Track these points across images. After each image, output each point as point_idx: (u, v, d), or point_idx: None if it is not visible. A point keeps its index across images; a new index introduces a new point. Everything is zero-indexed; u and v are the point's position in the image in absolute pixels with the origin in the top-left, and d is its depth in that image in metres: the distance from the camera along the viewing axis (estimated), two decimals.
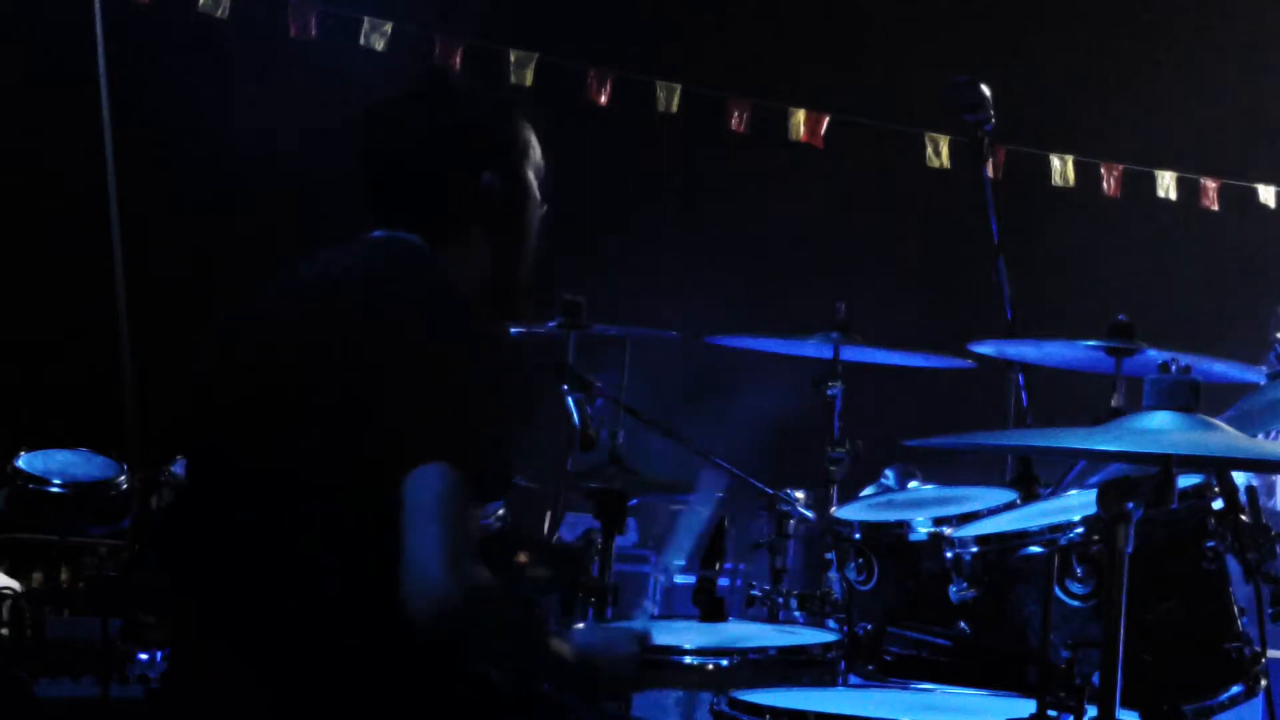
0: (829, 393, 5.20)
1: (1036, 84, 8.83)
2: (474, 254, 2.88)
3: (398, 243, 2.84)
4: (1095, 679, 2.54)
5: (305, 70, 7.56)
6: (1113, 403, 4.38)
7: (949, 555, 3.54)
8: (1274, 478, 6.08)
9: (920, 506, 4.12)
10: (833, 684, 3.63)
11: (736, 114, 8.68)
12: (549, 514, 5.70)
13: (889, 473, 6.88)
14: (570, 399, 4.26)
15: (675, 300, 8.15)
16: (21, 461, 5.25)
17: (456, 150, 2.85)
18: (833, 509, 4.70)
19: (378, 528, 2.61)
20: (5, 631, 4.88)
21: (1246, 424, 4.10)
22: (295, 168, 7.23)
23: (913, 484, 6.15)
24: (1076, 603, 3.30)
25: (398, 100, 2.93)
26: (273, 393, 2.73)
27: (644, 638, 2.99)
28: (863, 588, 3.96)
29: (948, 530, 3.71)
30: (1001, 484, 4.22)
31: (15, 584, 5.04)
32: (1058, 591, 3.31)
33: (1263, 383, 4.53)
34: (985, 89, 4.67)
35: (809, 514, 5.71)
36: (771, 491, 5.21)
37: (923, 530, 3.87)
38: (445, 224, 2.85)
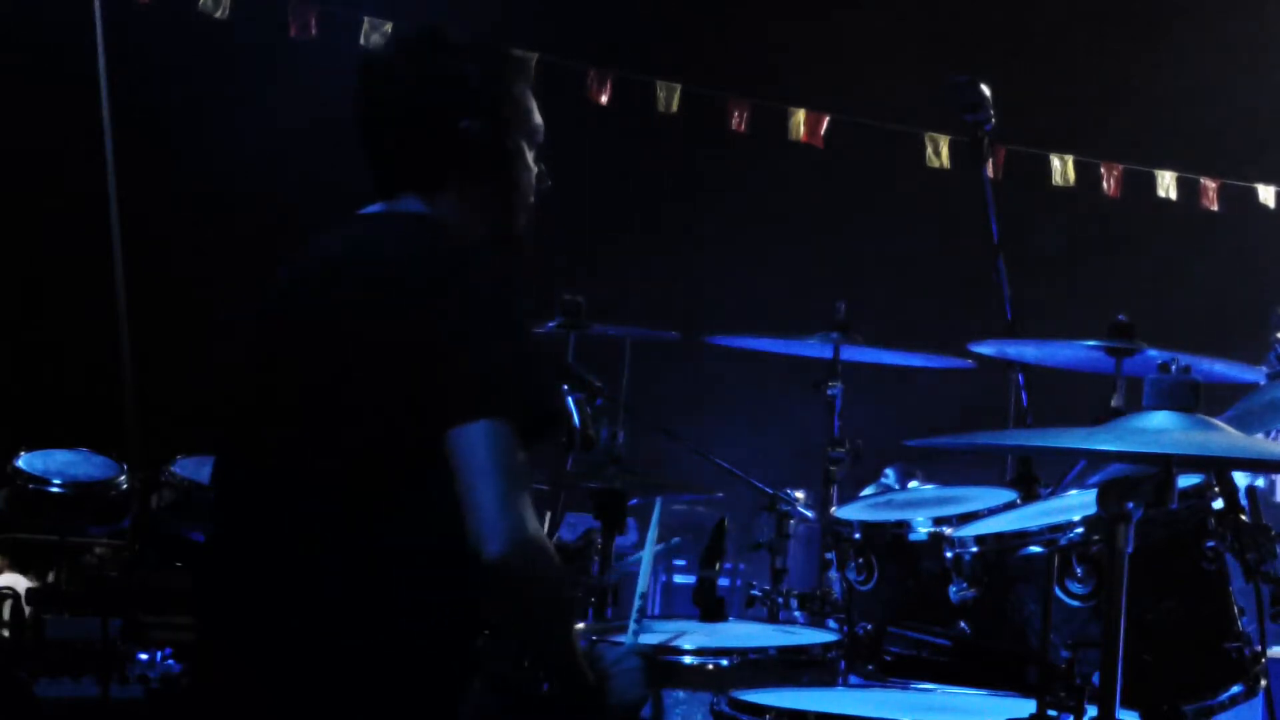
0: (829, 393, 5.20)
1: (1036, 84, 8.82)
2: (466, 206, 2.88)
3: (393, 217, 2.85)
4: (1095, 679, 2.54)
5: (305, 70, 7.56)
6: (1113, 403, 4.37)
7: (949, 555, 3.54)
8: (1275, 477, 6.08)
9: (920, 506, 4.12)
10: (833, 684, 3.63)
11: (736, 114, 8.68)
12: (549, 514, 5.70)
13: (890, 472, 6.89)
14: (570, 399, 4.26)
15: (675, 300, 8.15)
16: (21, 461, 5.24)
17: (437, 96, 2.86)
18: (833, 509, 4.70)
19: (378, 527, 2.61)
20: (5, 632, 4.88)
21: (1246, 424, 4.09)
22: (295, 168, 7.24)
23: (913, 484, 6.15)
24: (1076, 603, 3.29)
25: (389, 48, 3.00)
26: (274, 391, 2.74)
27: (651, 658, 2.96)
28: (863, 588, 3.96)
29: (948, 530, 3.71)
30: (1001, 484, 4.22)
31: (27, 581, 5.05)
32: (1058, 591, 3.31)
33: (1263, 383, 4.53)
34: (985, 89, 4.67)
35: (809, 514, 5.71)
36: (771, 491, 5.22)
37: (923, 530, 3.86)
38: (431, 173, 2.85)
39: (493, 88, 2.90)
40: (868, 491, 5.89)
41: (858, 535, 3.98)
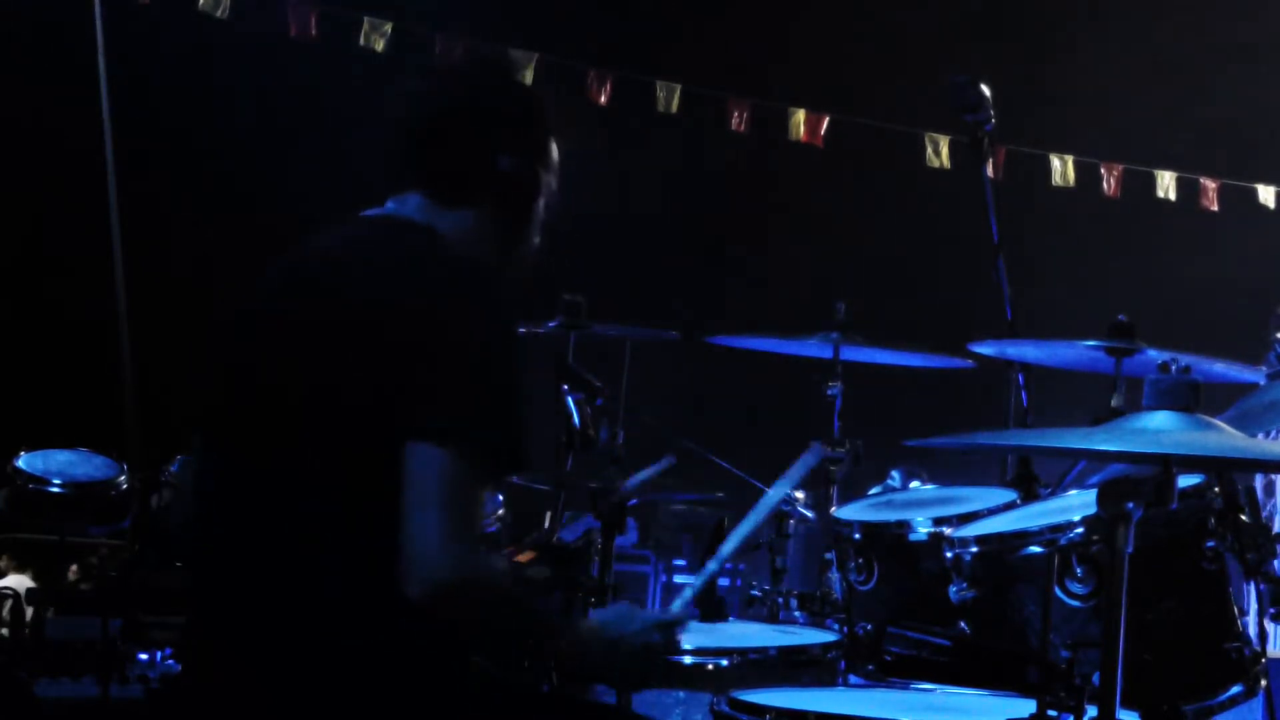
0: (829, 393, 5.20)
1: (1036, 84, 8.83)
2: (475, 228, 2.90)
3: (392, 223, 2.86)
4: (1095, 679, 2.54)
5: (305, 70, 7.57)
6: (1113, 403, 4.37)
7: (949, 555, 3.54)
8: (1274, 476, 6.08)
9: (920, 506, 4.11)
10: (833, 684, 3.63)
11: (736, 114, 8.69)
12: (549, 514, 5.70)
13: (895, 474, 6.88)
14: (570, 399, 4.25)
15: (675, 300, 8.16)
16: (21, 461, 5.24)
17: (488, 127, 2.91)
18: (833, 509, 4.70)
19: (378, 527, 2.61)
20: (5, 631, 4.88)
21: (1246, 424, 4.09)
22: (295, 168, 7.24)
23: (914, 484, 6.15)
24: (1076, 603, 3.29)
25: (451, 68, 3.13)
26: (272, 391, 2.74)
27: (668, 627, 2.92)
28: (863, 588, 3.96)
29: (948, 530, 3.70)
30: (1001, 484, 4.22)
31: (28, 581, 5.04)
32: (1058, 591, 3.31)
33: (1263, 383, 4.53)
34: (985, 89, 4.67)
35: (809, 514, 5.71)
36: None
37: (923, 530, 3.86)
38: (454, 191, 2.89)
39: (537, 133, 2.97)
40: (874, 491, 5.89)
41: (858, 535, 3.98)
